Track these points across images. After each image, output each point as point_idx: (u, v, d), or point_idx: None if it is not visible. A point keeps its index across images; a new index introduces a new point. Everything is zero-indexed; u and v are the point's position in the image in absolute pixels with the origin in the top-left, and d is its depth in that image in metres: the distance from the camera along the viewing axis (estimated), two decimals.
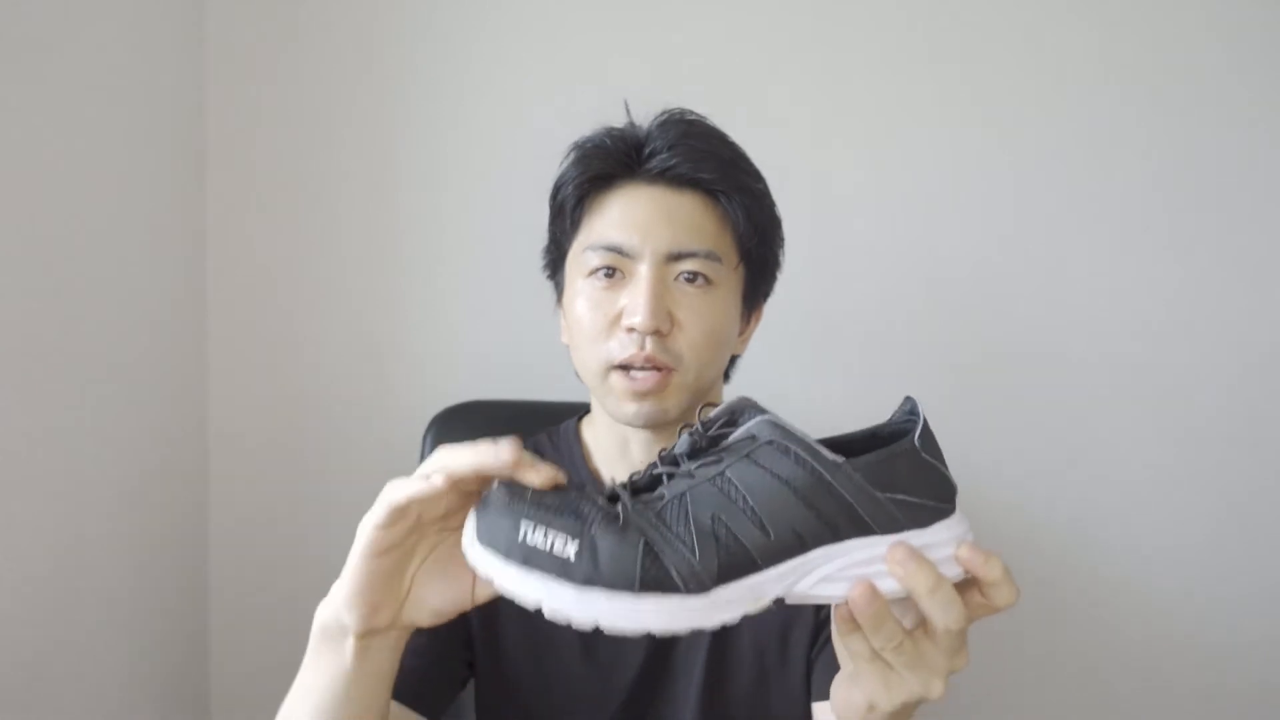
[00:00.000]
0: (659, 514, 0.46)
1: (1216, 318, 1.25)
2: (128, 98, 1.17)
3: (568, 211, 0.74)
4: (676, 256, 0.70)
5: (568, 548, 0.44)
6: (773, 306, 0.83)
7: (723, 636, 0.75)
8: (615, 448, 0.77)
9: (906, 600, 0.47)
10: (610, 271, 0.71)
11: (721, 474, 0.46)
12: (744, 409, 0.49)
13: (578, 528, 0.45)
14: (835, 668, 0.54)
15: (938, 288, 1.28)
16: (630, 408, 0.70)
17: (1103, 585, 1.28)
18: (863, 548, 0.46)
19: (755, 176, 0.76)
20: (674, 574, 0.44)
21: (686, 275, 0.70)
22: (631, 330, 0.68)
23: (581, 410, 0.83)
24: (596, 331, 0.71)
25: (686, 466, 0.47)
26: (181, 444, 1.31)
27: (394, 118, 1.32)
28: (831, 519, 0.45)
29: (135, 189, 1.19)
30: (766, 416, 0.48)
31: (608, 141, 0.74)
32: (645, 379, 0.69)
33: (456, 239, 1.32)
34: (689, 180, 0.71)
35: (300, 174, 1.33)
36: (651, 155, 0.72)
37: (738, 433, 0.48)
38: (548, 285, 0.82)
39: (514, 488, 0.47)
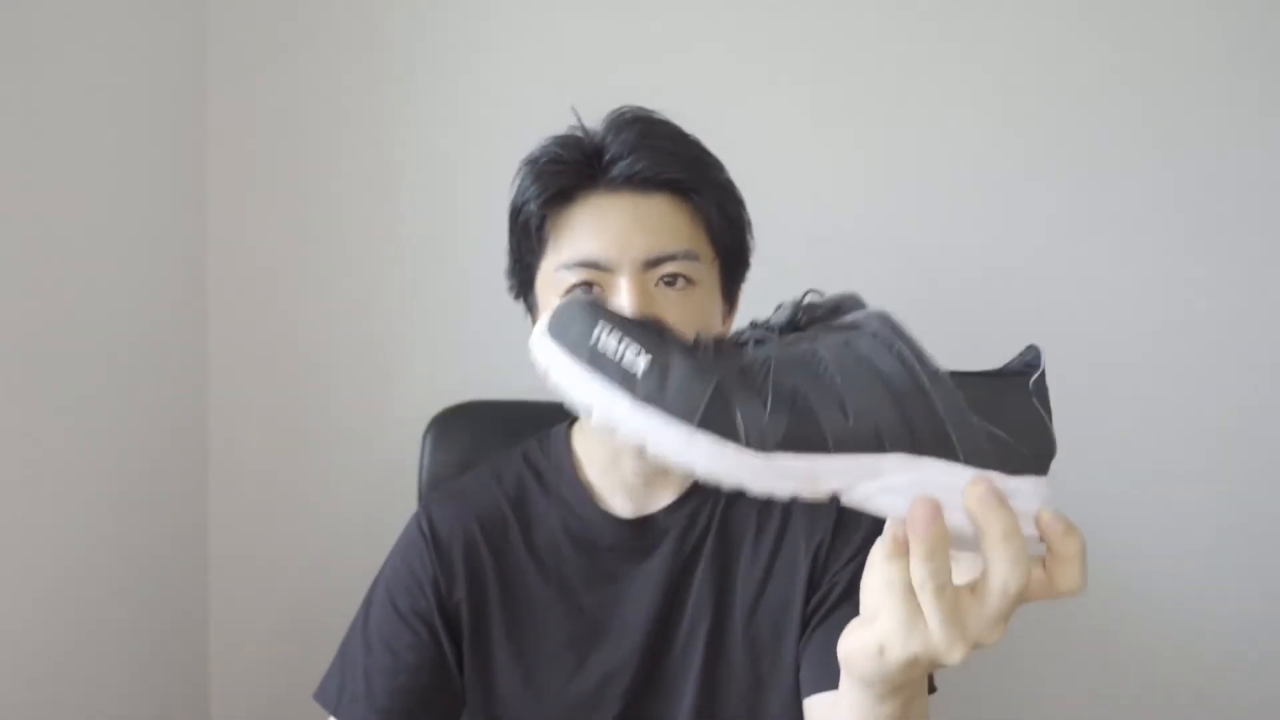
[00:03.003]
0: (741, 369, 0.42)
1: (1218, 318, 1.25)
2: (128, 98, 1.17)
3: (532, 231, 0.72)
4: (655, 262, 0.68)
5: (639, 359, 0.41)
6: (771, 306, 0.82)
7: (717, 643, 0.74)
8: (608, 458, 0.76)
9: (961, 559, 0.44)
10: (588, 288, 0.69)
11: (814, 351, 0.43)
12: (851, 304, 0.46)
13: (656, 344, 0.42)
14: (824, 659, 0.53)
15: (938, 287, 1.28)
16: None
17: (1103, 586, 1.28)
18: (941, 470, 0.42)
19: (718, 167, 0.74)
20: (739, 422, 0.41)
21: (666, 279, 0.69)
22: None
23: (572, 416, 0.81)
24: None
25: (781, 337, 0.44)
26: (181, 444, 1.31)
27: (394, 117, 1.32)
28: (918, 429, 0.42)
29: (135, 189, 1.19)
30: (879, 310, 0.44)
31: (562, 153, 0.71)
32: None
33: (456, 239, 1.32)
34: (656, 182, 0.70)
35: (300, 174, 1.33)
36: (613, 162, 0.70)
37: (844, 319, 0.44)
38: None
39: (597, 300, 0.44)
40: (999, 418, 0.43)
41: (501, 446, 0.85)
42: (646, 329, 0.42)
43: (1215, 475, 1.25)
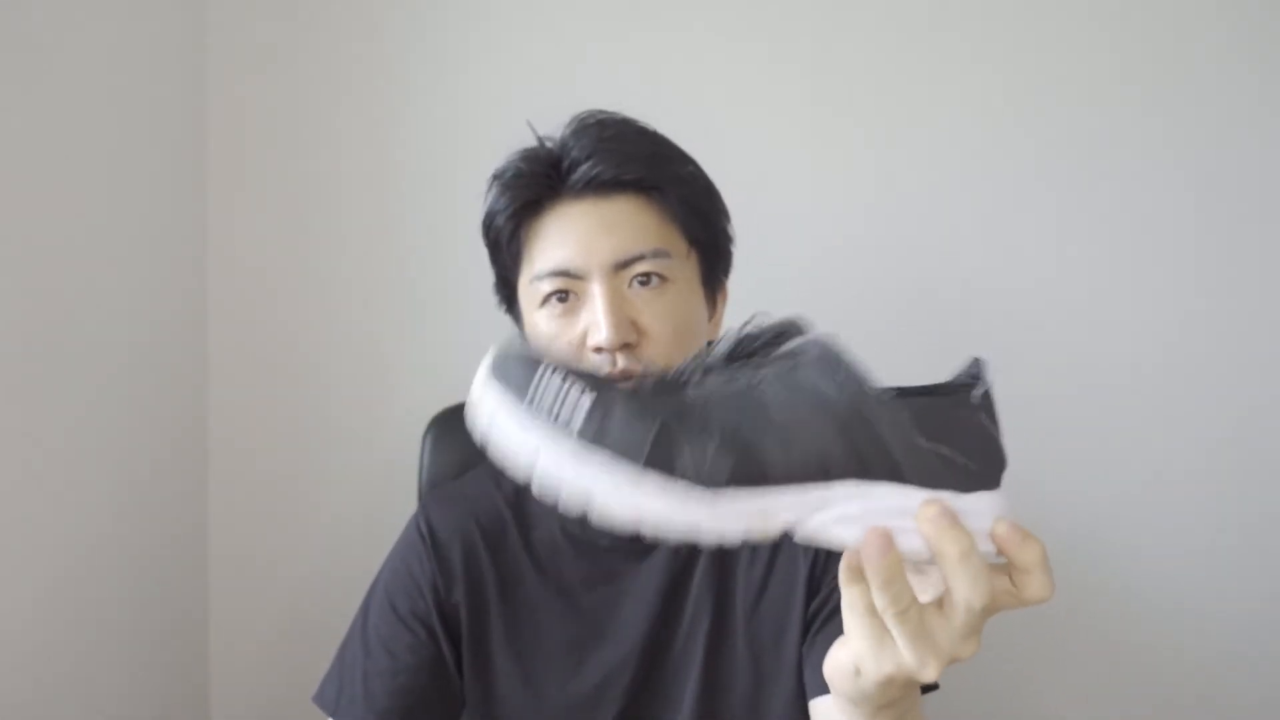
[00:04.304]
0: (683, 407, 0.42)
1: (1219, 318, 1.24)
2: (128, 98, 1.17)
3: (504, 246, 0.73)
4: (624, 264, 0.68)
5: (583, 399, 0.40)
6: (771, 306, 0.82)
7: (717, 643, 0.74)
8: None
9: (926, 573, 0.44)
10: (563, 296, 0.69)
11: (756, 384, 0.42)
12: (792, 328, 0.45)
13: (599, 385, 0.41)
14: None
15: (938, 287, 1.28)
16: None
17: (1103, 586, 1.28)
18: (892, 495, 0.41)
19: (682, 160, 0.74)
20: (686, 461, 0.40)
21: (639, 279, 0.69)
22: (599, 350, 0.67)
23: None
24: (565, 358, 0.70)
25: (721, 371, 0.44)
26: (181, 444, 1.31)
27: (394, 117, 1.32)
28: (864, 454, 0.41)
29: (135, 189, 1.19)
30: (819, 335, 0.44)
31: (524, 166, 0.72)
32: None
33: (456, 239, 1.31)
34: (617, 184, 0.70)
35: (300, 174, 1.33)
36: (572, 169, 0.70)
37: (784, 347, 0.43)
38: None
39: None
40: (947, 437, 0.42)
41: None
42: (588, 374, 0.42)
43: (1215, 475, 1.25)
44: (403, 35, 1.31)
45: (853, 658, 0.44)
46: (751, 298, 0.87)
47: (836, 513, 0.41)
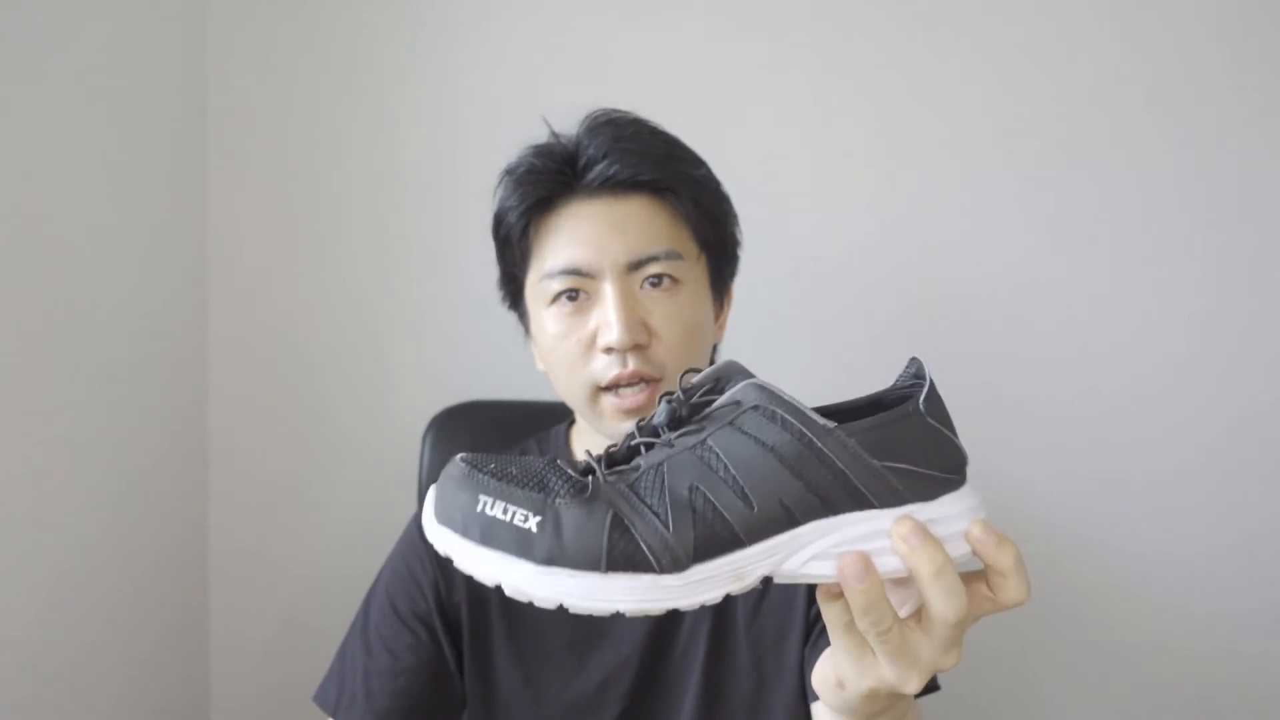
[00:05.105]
0: (632, 485, 0.42)
1: (1218, 318, 1.24)
2: (128, 98, 1.17)
3: (514, 242, 0.73)
4: (637, 264, 0.68)
5: (529, 522, 0.41)
6: (772, 307, 0.83)
7: (719, 644, 0.74)
8: None
9: (905, 586, 0.43)
10: (574, 295, 0.69)
11: (702, 443, 0.42)
12: (730, 374, 0.45)
13: (540, 501, 0.41)
14: None
15: (938, 288, 1.28)
16: (625, 425, 0.68)
17: (1103, 588, 1.28)
18: (859, 522, 0.42)
19: (695, 163, 0.74)
20: (645, 549, 0.40)
21: (651, 280, 0.69)
22: (610, 350, 0.67)
23: (572, 415, 0.82)
24: (574, 358, 0.69)
25: (666, 436, 0.43)
26: (181, 444, 1.31)
27: (394, 117, 1.32)
28: (823, 490, 0.41)
29: (135, 189, 1.19)
30: (753, 380, 0.43)
31: (538, 162, 0.71)
32: (634, 396, 0.68)
33: (456, 238, 1.32)
34: (632, 184, 0.70)
35: (300, 174, 1.33)
36: (587, 167, 0.70)
37: (722, 399, 0.44)
38: None
39: (475, 458, 0.44)
40: (900, 452, 0.42)
41: (501, 446, 0.85)
42: (526, 485, 0.42)
43: (1215, 475, 1.25)
44: (403, 35, 1.31)
45: (835, 670, 0.45)
46: (752, 298, 0.87)
47: (809, 552, 0.42)
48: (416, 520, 0.80)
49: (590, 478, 0.43)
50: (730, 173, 0.77)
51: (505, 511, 0.41)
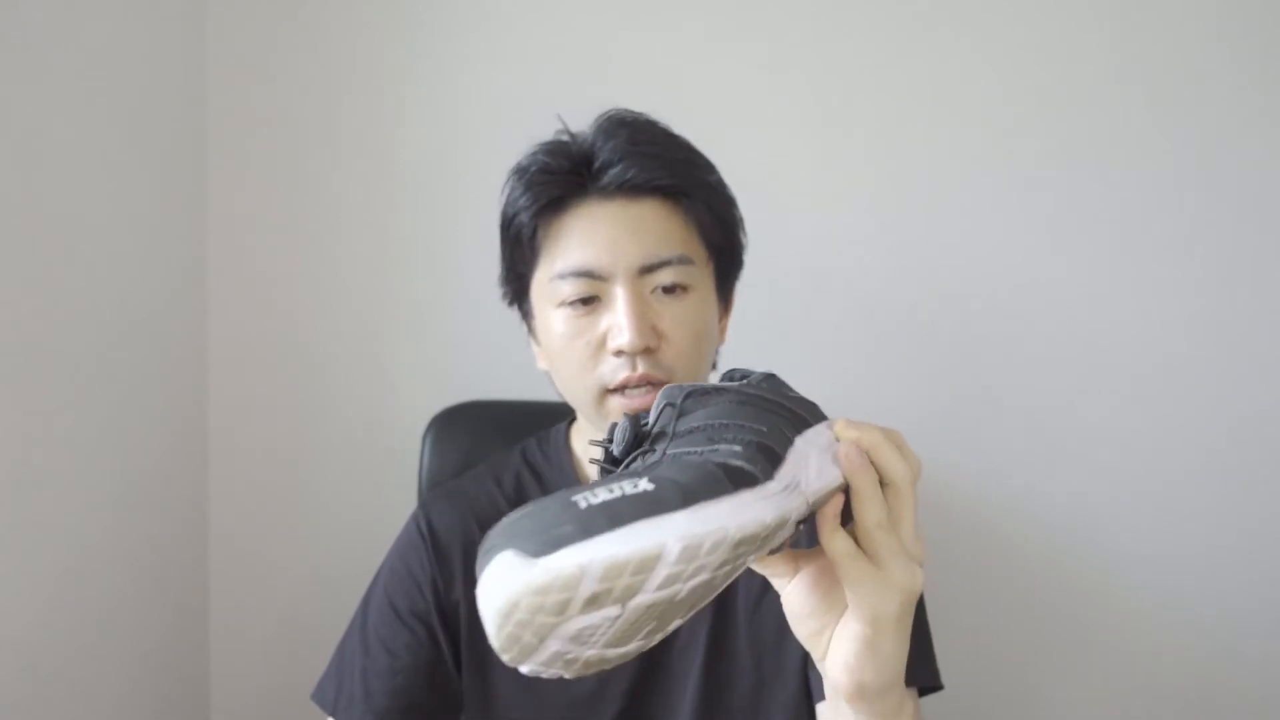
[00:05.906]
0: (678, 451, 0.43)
1: (1218, 319, 1.24)
2: (128, 98, 1.17)
3: (525, 241, 0.72)
4: (649, 268, 0.68)
5: (639, 486, 0.37)
6: (772, 307, 0.83)
7: (719, 641, 0.74)
8: None
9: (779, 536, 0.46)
10: (586, 300, 0.69)
11: (676, 435, 0.45)
12: (674, 397, 0.47)
13: (630, 473, 0.39)
14: None
15: (938, 288, 1.28)
16: None
17: (1103, 588, 1.28)
18: (818, 432, 0.48)
19: (708, 168, 0.74)
20: (743, 465, 0.40)
21: (664, 286, 0.69)
22: (620, 353, 0.67)
23: (572, 415, 0.81)
24: (583, 359, 0.69)
25: (653, 450, 0.44)
26: (181, 444, 1.31)
27: (394, 118, 1.32)
28: (784, 412, 0.47)
29: (135, 189, 1.19)
30: (679, 387, 0.48)
31: (551, 162, 0.71)
32: (642, 397, 0.68)
33: (456, 238, 1.32)
34: (647, 188, 0.69)
35: (300, 174, 1.33)
36: (603, 169, 0.69)
37: (662, 416, 0.46)
38: None
39: (513, 513, 0.38)
40: (787, 393, 0.51)
41: (501, 446, 0.85)
42: (599, 480, 0.39)
43: (1215, 476, 1.25)
44: (403, 35, 1.31)
45: (865, 621, 0.46)
46: (752, 299, 0.87)
47: (813, 465, 0.46)
48: (415, 519, 0.80)
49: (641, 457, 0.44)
50: (730, 173, 0.77)
51: (612, 490, 0.36)
